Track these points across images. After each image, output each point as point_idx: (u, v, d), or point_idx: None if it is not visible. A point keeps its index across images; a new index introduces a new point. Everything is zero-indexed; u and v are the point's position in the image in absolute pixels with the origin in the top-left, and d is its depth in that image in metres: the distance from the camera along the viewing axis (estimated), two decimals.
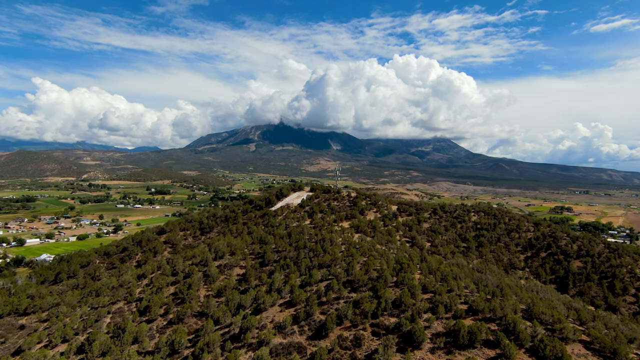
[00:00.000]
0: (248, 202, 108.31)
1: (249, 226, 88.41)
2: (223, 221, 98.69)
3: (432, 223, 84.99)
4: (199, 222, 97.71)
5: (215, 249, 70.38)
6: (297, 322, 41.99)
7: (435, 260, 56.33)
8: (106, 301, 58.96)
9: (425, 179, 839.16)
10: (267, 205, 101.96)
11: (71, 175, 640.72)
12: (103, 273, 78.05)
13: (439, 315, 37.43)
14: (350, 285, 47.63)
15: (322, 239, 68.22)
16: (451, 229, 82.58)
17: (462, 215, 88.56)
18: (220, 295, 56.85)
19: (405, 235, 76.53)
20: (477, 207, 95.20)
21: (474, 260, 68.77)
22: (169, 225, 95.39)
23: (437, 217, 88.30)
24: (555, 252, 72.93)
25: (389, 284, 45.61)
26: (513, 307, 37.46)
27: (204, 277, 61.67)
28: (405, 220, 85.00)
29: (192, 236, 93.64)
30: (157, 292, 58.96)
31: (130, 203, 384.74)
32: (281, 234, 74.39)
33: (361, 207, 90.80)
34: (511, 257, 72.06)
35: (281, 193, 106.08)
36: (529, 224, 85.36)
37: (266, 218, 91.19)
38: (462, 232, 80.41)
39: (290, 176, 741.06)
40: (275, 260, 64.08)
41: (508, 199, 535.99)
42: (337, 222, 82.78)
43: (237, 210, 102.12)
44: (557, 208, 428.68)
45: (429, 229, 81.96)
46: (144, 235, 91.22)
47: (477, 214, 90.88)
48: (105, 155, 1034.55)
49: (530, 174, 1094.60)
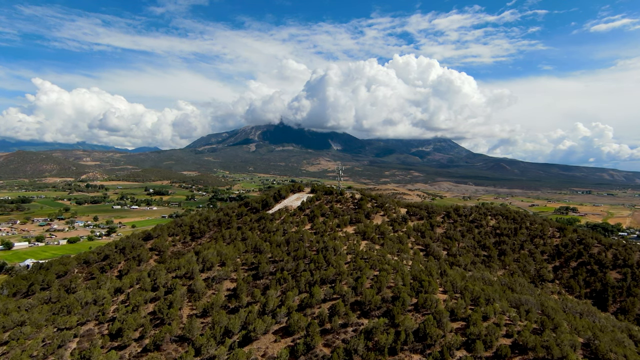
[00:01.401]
0: (244, 205, 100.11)
1: (244, 231, 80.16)
2: (216, 225, 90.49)
3: (446, 228, 76.68)
4: (190, 227, 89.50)
5: (203, 258, 62.17)
6: (296, 358, 33.78)
7: (458, 275, 48.09)
8: (74, 321, 50.74)
9: (426, 179, 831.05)
10: (264, 208, 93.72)
11: (70, 175, 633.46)
12: (80, 285, 69.89)
13: (477, 353, 29.16)
14: (360, 308, 39.37)
15: (324, 247, 60.01)
16: (468, 234, 74.27)
17: (478, 219, 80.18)
18: (206, 314, 48.68)
19: (417, 243, 68.16)
20: (494, 209, 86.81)
21: (497, 271, 60.50)
22: (156, 230, 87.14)
23: (452, 221, 79.95)
24: (587, 261, 64.60)
25: (408, 307, 37.37)
26: (571, 343, 29.16)
27: (188, 293, 53.47)
28: (417, 224, 76.66)
29: (181, 242, 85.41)
30: (133, 311, 50.78)
31: (127, 204, 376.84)
32: (278, 241, 66.13)
33: (367, 210, 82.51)
34: (538, 267, 63.76)
35: (279, 194, 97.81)
36: (553, 229, 77.04)
37: (262, 222, 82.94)
38: (481, 239, 72.08)
39: (291, 176, 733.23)
40: (270, 272, 55.88)
41: (511, 199, 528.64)
42: (340, 227, 74.52)
43: (231, 213, 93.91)
44: (562, 208, 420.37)
45: (444, 234, 73.62)
46: (128, 241, 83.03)
47: (495, 217, 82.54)
48: (105, 155, 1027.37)
49: (531, 174, 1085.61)
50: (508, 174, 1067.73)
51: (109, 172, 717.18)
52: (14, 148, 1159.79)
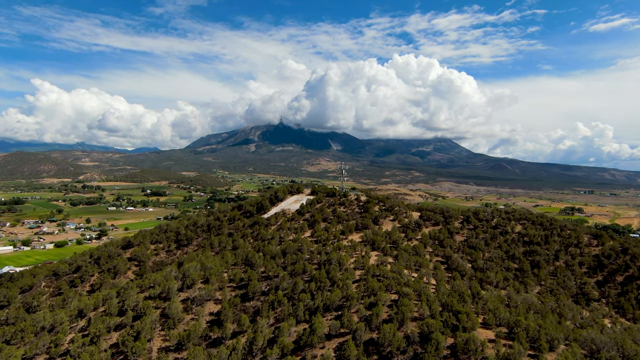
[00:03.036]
0: (237, 208, 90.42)
1: (235, 239, 70.53)
2: (205, 231, 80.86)
3: (466, 235, 66.90)
4: (176, 233, 79.82)
5: (184, 273, 52.48)
6: None
7: (495, 298, 38.38)
8: (19, 355, 41.05)
9: (427, 179, 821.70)
10: (259, 212, 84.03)
11: (68, 176, 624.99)
12: (43, 302, 60.21)
13: None
14: (377, 351, 29.72)
15: (327, 260, 50.31)
16: (492, 242, 64.52)
17: (502, 225, 70.42)
18: (181, 348, 39.04)
19: (436, 253, 58.31)
20: (518, 213, 76.94)
21: (533, 288, 50.79)
22: (137, 237, 77.39)
23: (472, 226, 70.18)
24: (637, 274, 54.88)
25: (443, 351, 27.66)
26: None
27: (162, 319, 43.78)
28: (433, 231, 66.89)
29: (165, 250, 75.76)
30: (92, 342, 41.11)
31: (122, 205, 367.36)
32: (273, 252, 56.43)
33: (374, 215, 72.76)
34: (579, 282, 54.01)
35: (276, 197, 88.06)
36: (588, 236, 67.32)
37: (256, 228, 73.26)
38: (508, 248, 62.31)
39: (291, 177, 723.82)
40: (262, 291, 46.22)
41: (513, 199, 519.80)
42: (345, 234, 64.82)
43: (222, 218, 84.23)
44: (567, 209, 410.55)
45: (465, 243, 63.85)
46: (105, 250, 73.34)
47: (520, 222, 72.76)
48: (104, 156, 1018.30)
49: (532, 173, 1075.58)
50: (509, 174, 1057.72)
51: (108, 172, 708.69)
52: (13, 149, 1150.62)
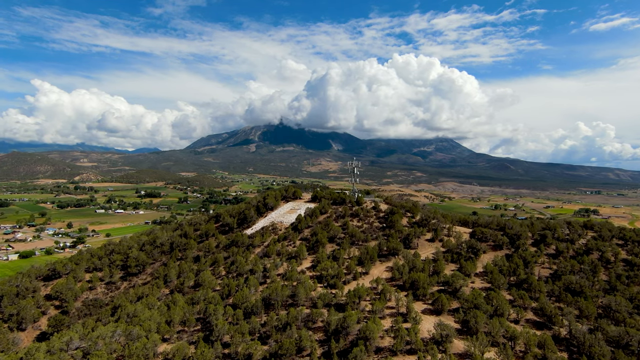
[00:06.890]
0: (214, 219, 67.85)
1: (201, 267, 48.10)
2: (166, 253, 58.37)
3: (549, 264, 44.14)
4: (125, 256, 57.29)
5: (95, 342, 30.05)
6: None
7: None
8: None
9: (430, 179, 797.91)
10: (241, 225, 61.39)
11: (64, 177, 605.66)
12: None
13: None
14: None
15: (343, 327, 27.87)
16: (592, 278, 41.76)
17: (593, 247, 47.32)
18: None
19: (523, 306, 34.90)
20: (607, 227, 53.44)
21: None
22: (67, 265, 54.73)
23: (553, 250, 47.22)
24: None
25: None
26: None
27: None
28: (497, 259, 44.06)
29: (105, 283, 53.26)
30: None
31: (112, 208, 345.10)
32: (249, 302, 33.92)
33: (405, 233, 50.11)
34: None
35: (265, 204, 65.05)
36: None
37: (233, 251, 50.63)
38: (612, 281, 39.26)
39: (291, 177, 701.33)
40: None
41: (521, 200, 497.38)
42: (365, 264, 42.26)
43: (191, 233, 61.59)
44: (582, 210, 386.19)
45: (554, 279, 40.85)
46: (14, 282, 50.70)
47: (611, 240, 49.90)
48: (103, 156, 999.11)
49: (535, 173, 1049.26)
50: (512, 173, 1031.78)
51: (106, 173, 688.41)
52: (12, 150, 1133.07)
